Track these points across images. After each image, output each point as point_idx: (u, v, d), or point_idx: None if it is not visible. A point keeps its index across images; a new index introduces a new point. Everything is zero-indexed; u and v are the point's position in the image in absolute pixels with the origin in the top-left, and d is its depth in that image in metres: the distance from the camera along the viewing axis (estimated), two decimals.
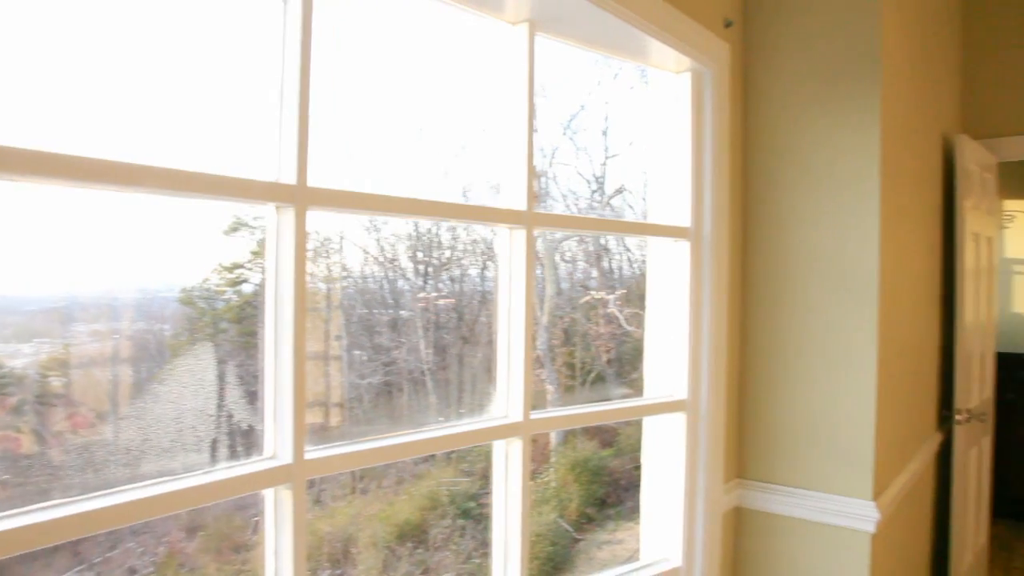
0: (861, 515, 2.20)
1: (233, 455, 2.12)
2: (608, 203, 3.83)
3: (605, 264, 3.86)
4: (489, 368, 1.77)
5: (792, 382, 2.34)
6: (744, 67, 2.43)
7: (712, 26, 2.16)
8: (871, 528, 2.18)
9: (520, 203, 1.67)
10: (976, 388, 3.52)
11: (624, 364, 3.87)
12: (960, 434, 3.28)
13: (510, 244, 1.69)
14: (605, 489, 4.15)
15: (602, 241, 3.75)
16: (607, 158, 3.73)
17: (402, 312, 3.56)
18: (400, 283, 3.61)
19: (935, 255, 3.23)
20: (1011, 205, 5.63)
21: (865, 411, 2.19)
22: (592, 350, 3.88)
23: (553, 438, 4.19)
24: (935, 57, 3.14)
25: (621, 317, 3.87)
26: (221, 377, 2.25)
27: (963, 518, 3.38)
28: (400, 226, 3.53)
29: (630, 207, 3.75)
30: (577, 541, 4.02)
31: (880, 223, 2.18)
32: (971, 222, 3.30)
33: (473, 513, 3.58)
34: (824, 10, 2.27)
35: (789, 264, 2.34)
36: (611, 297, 3.83)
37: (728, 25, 2.25)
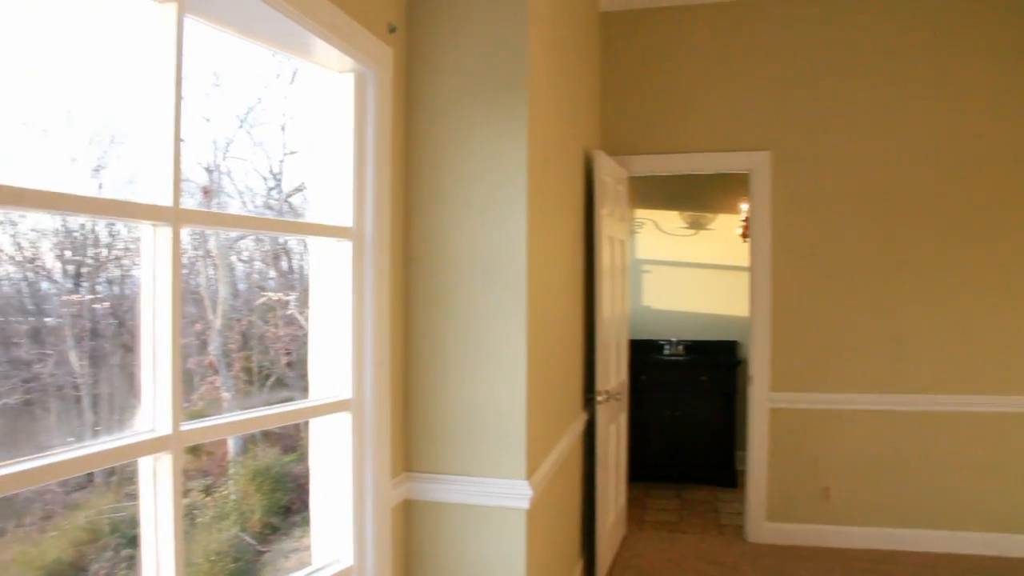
0: (517, 494, 2.42)
1: None
2: (287, 201, 3.74)
3: (284, 264, 3.76)
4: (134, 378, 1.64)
5: (453, 376, 2.49)
6: (408, 74, 2.52)
7: (376, 30, 2.20)
8: (525, 504, 2.41)
9: (166, 198, 1.56)
10: (613, 372, 4.06)
11: (305, 366, 3.80)
12: (601, 412, 3.77)
13: (154, 243, 1.57)
14: (289, 496, 4.04)
15: (281, 240, 3.65)
16: (286, 154, 3.62)
17: (47, 319, 3.11)
18: (44, 286, 3.15)
19: (580, 256, 3.65)
20: (641, 213, 6.60)
21: (517, 399, 2.41)
22: (271, 353, 3.76)
23: (232, 448, 3.98)
24: (579, 82, 3.56)
25: (301, 318, 3.81)
26: None
27: (606, 484, 3.89)
28: (44, 221, 3.08)
29: (310, 205, 3.70)
30: (262, 553, 3.86)
31: (527, 227, 2.41)
32: (607, 227, 3.80)
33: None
34: (478, 30, 2.45)
35: (449, 265, 2.49)
36: (290, 298, 3.74)
37: (392, 31, 2.32)
